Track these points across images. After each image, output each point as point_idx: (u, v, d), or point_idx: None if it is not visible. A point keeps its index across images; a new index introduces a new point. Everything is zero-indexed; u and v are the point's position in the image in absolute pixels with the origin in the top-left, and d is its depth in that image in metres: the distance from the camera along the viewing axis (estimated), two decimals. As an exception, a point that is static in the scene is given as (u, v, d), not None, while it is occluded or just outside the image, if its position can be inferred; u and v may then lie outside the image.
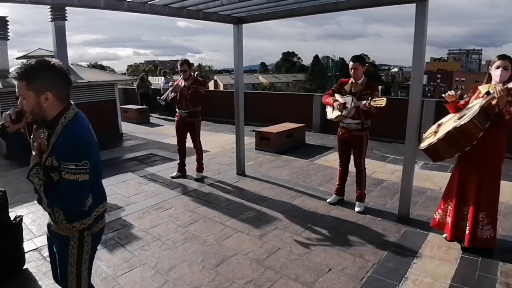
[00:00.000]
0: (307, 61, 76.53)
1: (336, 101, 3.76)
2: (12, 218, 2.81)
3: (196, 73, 4.95)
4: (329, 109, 3.94)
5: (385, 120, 5.83)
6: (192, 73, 4.98)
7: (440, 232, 3.25)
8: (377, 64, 77.14)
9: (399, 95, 44.34)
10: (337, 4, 3.87)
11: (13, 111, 1.54)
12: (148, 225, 3.65)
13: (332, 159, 5.93)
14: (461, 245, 3.02)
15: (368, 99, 3.53)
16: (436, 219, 3.23)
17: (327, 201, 4.17)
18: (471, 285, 2.56)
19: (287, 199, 4.34)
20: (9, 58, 7.28)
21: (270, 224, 3.65)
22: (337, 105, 3.72)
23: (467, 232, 2.94)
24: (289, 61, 77.12)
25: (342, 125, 3.87)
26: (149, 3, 3.74)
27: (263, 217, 3.83)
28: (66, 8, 7.87)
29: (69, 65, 8.29)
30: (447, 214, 3.13)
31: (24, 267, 2.87)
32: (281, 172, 5.44)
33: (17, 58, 8.85)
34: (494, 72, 2.78)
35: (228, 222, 3.72)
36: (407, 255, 2.99)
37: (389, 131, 6.81)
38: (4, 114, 1.56)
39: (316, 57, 70.60)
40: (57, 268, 1.80)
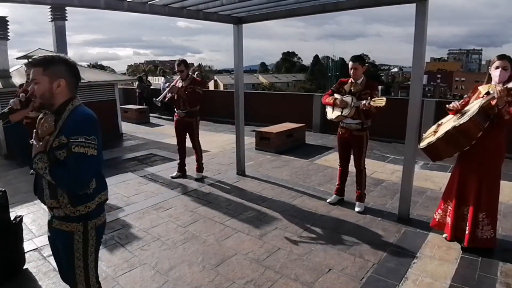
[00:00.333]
0: (307, 61, 76.61)
1: (337, 99, 3.76)
2: (12, 218, 2.81)
3: (196, 73, 4.96)
4: (329, 109, 3.94)
5: (385, 120, 5.83)
6: (190, 73, 4.98)
7: (440, 232, 3.25)
8: (377, 64, 77.12)
9: (399, 95, 44.32)
10: (337, 4, 3.87)
11: (22, 95, 1.61)
12: (148, 225, 3.65)
13: (332, 159, 5.93)
14: (461, 245, 3.03)
15: (368, 99, 3.53)
16: (436, 219, 3.23)
17: (327, 201, 4.17)
18: (471, 285, 2.56)
19: (287, 199, 4.34)
20: (9, 58, 7.27)
21: (270, 224, 3.65)
22: (338, 101, 3.71)
23: (467, 232, 2.95)
24: (289, 61, 77.09)
25: (342, 125, 3.87)
26: (149, 3, 3.74)
27: (263, 217, 3.83)
28: (66, 8, 7.86)
29: (69, 65, 8.30)
30: (447, 214, 3.13)
31: (24, 267, 2.87)
32: (281, 172, 5.44)
33: (17, 58, 8.85)
34: (494, 72, 2.78)
35: (228, 222, 3.72)
36: (407, 255, 2.99)
37: (389, 131, 6.81)
38: (11, 101, 1.62)
39: (316, 57, 70.60)
40: (63, 267, 1.83)
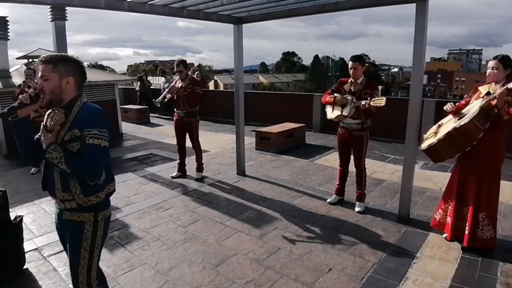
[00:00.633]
0: (307, 61, 76.53)
1: (337, 96, 3.75)
2: (12, 218, 2.81)
3: (196, 73, 4.96)
4: (329, 109, 3.94)
5: (385, 120, 5.84)
6: (190, 73, 4.98)
7: (440, 232, 3.25)
8: (377, 64, 77.08)
9: (399, 95, 44.32)
10: (337, 4, 3.87)
11: (31, 91, 1.72)
12: (148, 225, 3.65)
13: (332, 159, 5.93)
14: (461, 245, 3.03)
15: (368, 98, 3.53)
16: (436, 219, 3.23)
17: (327, 201, 4.17)
18: (471, 285, 2.56)
19: (287, 199, 4.34)
20: (9, 58, 7.27)
21: (270, 224, 3.65)
22: (338, 99, 3.71)
23: (466, 232, 2.95)
24: (289, 61, 77.06)
25: (342, 125, 3.87)
26: (149, 3, 3.74)
27: (263, 217, 3.83)
28: (66, 8, 7.87)
29: (69, 65, 8.30)
30: (447, 214, 3.13)
31: (24, 267, 2.87)
32: (281, 172, 5.44)
33: (17, 58, 8.86)
34: (487, 72, 2.86)
35: (228, 222, 3.72)
36: (407, 255, 2.99)
37: (389, 131, 6.81)
38: (20, 96, 1.72)
39: (316, 57, 70.56)
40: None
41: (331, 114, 3.88)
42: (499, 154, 2.90)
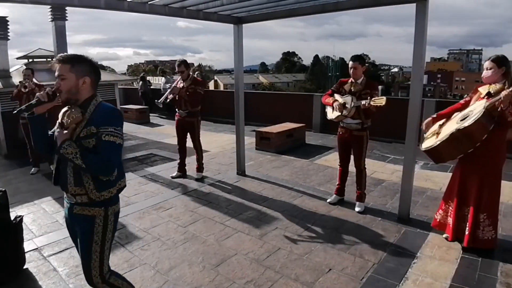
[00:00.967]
0: (307, 61, 76.49)
1: (336, 101, 3.76)
2: (12, 218, 2.81)
3: (196, 73, 4.96)
4: (329, 109, 3.94)
5: (385, 120, 5.84)
6: (191, 73, 4.98)
7: (440, 232, 3.25)
8: (377, 64, 77.05)
9: (399, 95, 44.32)
10: (337, 4, 3.87)
11: (49, 89, 1.79)
12: (148, 225, 3.65)
13: (332, 159, 5.93)
14: (461, 246, 3.02)
15: (368, 98, 3.53)
16: (437, 219, 3.23)
17: (327, 201, 4.17)
18: (471, 285, 2.56)
19: (287, 199, 4.34)
20: (9, 58, 7.27)
21: (270, 224, 3.65)
22: (336, 105, 3.72)
23: (466, 232, 2.94)
24: (289, 61, 77.04)
25: (342, 125, 3.87)
26: (149, 3, 3.74)
27: (263, 217, 3.83)
28: (66, 8, 7.86)
29: (69, 65, 8.29)
30: (448, 214, 3.13)
31: (24, 267, 2.87)
32: (281, 172, 5.44)
33: (17, 58, 8.84)
34: (483, 74, 2.87)
35: (228, 222, 3.72)
36: (407, 255, 2.99)
37: (389, 131, 6.81)
38: (38, 94, 1.79)
39: (316, 57, 70.53)
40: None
41: (331, 114, 3.88)
42: (500, 155, 2.89)
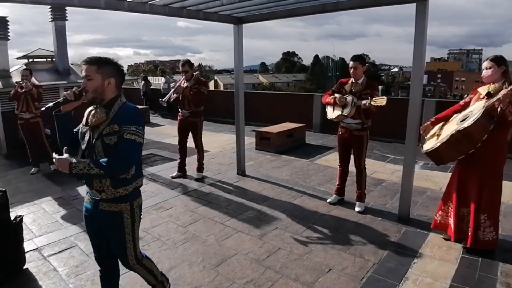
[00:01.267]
0: (307, 61, 76.47)
1: (337, 97, 3.75)
2: (12, 218, 2.81)
3: (196, 73, 4.95)
4: (329, 109, 3.94)
5: (385, 120, 5.83)
6: (194, 73, 4.99)
7: (440, 232, 3.24)
8: (377, 64, 77.04)
9: (399, 95, 44.29)
10: (337, 4, 3.87)
11: (75, 89, 1.90)
12: (148, 225, 3.65)
13: (332, 159, 5.93)
14: (463, 246, 3.01)
15: (368, 98, 3.53)
16: (437, 220, 3.22)
17: (327, 201, 4.17)
18: (471, 285, 2.56)
19: (287, 199, 4.34)
20: (9, 58, 7.27)
21: (271, 224, 3.65)
22: (338, 99, 3.71)
23: (469, 233, 2.93)
24: (289, 61, 77.05)
25: (343, 125, 3.87)
26: (149, 3, 3.74)
27: (263, 217, 3.83)
28: (66, 8, 7.86)
29: (69, 65, 8.28)
30: (448, 215, 3.12)
31: (24, 267, 2.87)
32: (281, 172, 5.44)
33: (17, 58, 8.82)
34: (483, 74, 2.88)
35: (228, 222, 3.72)
36: (407, 255, 2.99)
37: (389, 131, 6.81)
38: (65, 92, 1.90)
39: (316, 57, 70.52)
40: (103, 245, 2.08)
41: (332, 114, 3.88)
42: (501, 156, 2.88)
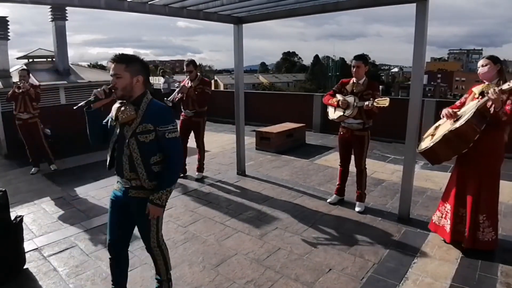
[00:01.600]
0: (307, 61, 76.42)
1: (340, 100, 3.75)
2: (12, 218, 2.81)
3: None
4: (330, 110, 3.93)
5: (385, 120, 5.83)
6: (199, 74, 4.99)
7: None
8: (377, 64, 77.03)
9: (399, 95, 44.29)
10: (337, 4, 3.87)
11: (105, 87, 1.99)
12: (148, 225, 3.65)
13: (332, 159, 5.93)
14: (462, 246, 3.01)
15: (370, 99, 3.53)
16: (433, 220, 3.23)
17: (328, 201, 4.17)
18: (471, 285, 2.56)
19: (287, 199, 4.34)
20: (9, 58, 7.28)
21: (271, 224, 3.65)
22: (342, 102, 3.71)
23: (465, 234, 2.94)
24: (289, 61, 77.03)
25: (344, 125, 3.87)
26: (149, 3, 3.74)
27: (263, 217, 3.83)
28: (66, 8, 7.87)
29: (70, 65, 8.29)
30: (443, 216, 3.12)
31: (25, 267, 2.87)
32: (282, 172, 5.44)
33: (17, 58, 8.85)
34: (479, 71, 2.89)
35: (229, 222, 3.72)
36: (407, 255, 2.99)
37: (390, 131, 6.80)
38: (95, 91, 1.98)
39: (317, 57, 70.47)
40: (122, 232, 2.26)
41: (333, 114, 3.87)
42: (497, 156, 2.88)
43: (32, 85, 5.50)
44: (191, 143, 5.13)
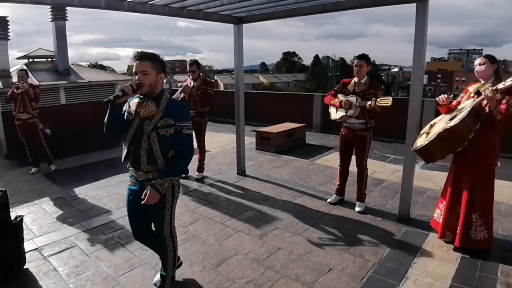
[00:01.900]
0: (307, 61, 76.32)
1: (342, 100, 3.74)
2: (12, 218, 2.81)
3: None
4: (332, 110, 3.93)
5: (385, 120, 5.82)
6: (201, 74, 4.99)
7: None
8: (377, 64, 76.93)
9: (399, 95, 44.28)
10: (337, 4, 3.87)
11: (133, 82, 2.06)
12: (148, 225, 3.65)
13: (332, 159, 5.93)
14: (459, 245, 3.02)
15: (373, 99, 3.52)
16: (434, 218, 3.26)
17: (328, 201, 4.17)
18: (471, 285, 2.56)
19: (287, 199, 4.34)
20: (9, 58, 7.28)
21: (271, 224, 3.65)
22: (344, 103, 3.71)
23: (457, 232, 2.96)
24: (289, 61, 76.98)
25: (346, 125, 3.86)
26: (149, 3, 3.74)
27: (263, 217, 3.83)
28: (66, 8, 7.87)
29: (70, 65, 8.29)
30: (442, 213, 3.14)
31: (25, 267, 2.87)
32: (282, 172, 5.44)
33: (17, 58, 8.84)
34: (475, 69, 2.91)
35: (229, 222, 3.72)
36: (407, 255, 2.99)
37: (390, 131, 6.80)
38: (122, 86, 2.06)
39: (317, 57, 70.40)
40: (144, 227, 2.40)
41: (335, 115, 3.87)
42: (492, 155, 2.89)
43: (31, 85, 5.50)
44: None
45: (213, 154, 6.59)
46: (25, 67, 7.25)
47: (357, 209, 3.92)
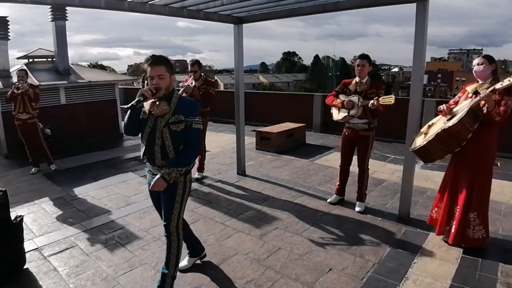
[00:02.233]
0: (307, 61, 76.28)
1: (344, 100, 3.74)
2: (12, 218, 2.81)
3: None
4: (334, 110, 3.92)
5: (385, 120, 5.82)
6: (203, 74, 4.98)
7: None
8: (377, 64, 76.88)
9: (399, 95, 44.24)
10: (337, 4, 3.87)
11: (151, 86, 2.17)
12: (148, 225, 3.65)
13: (332, 159, 5.93)
14: (447, 243, 3.05)
15: (375, 98, 3.52)
16: (432, 216, 3.26)
17: (328, 201, 4.17)
18: (471, 285, 2.56)
19: (287, 199, 4.34)
20: (9, 58, 7.27)
21: (271, 224, 3.65)
22: (346, 103, 3.70)
23: (452, 230, 2.99)
24: (289, 61, 76.96)
25: (348, 125, 3.85)
26: (149, 3, 3.74)
27: (263, 217, 3.83)
28: (67, 8, 7.87)
29: (70, 65, 8.29)
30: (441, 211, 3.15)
31: (25, 267, 2.87)
32: (282, 172, 5.44)
33: (17, 58, 8.83)
34: (474, 69, 2.91)
35: (229, 222, 3.72)
36: (407, 255, 2.99)
37: (390, 131, 6.80)
38: (141, 91, 2.14)
39: (317, 57, 70.41)
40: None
41: (338, 115, 3.86)
42: (489, 155, 2.89)
43: (31, 85, 5.50)
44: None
45: (213, 154, 6.59)
46: (25, 67, 7.26)
47: (357, 209, 3.92)
